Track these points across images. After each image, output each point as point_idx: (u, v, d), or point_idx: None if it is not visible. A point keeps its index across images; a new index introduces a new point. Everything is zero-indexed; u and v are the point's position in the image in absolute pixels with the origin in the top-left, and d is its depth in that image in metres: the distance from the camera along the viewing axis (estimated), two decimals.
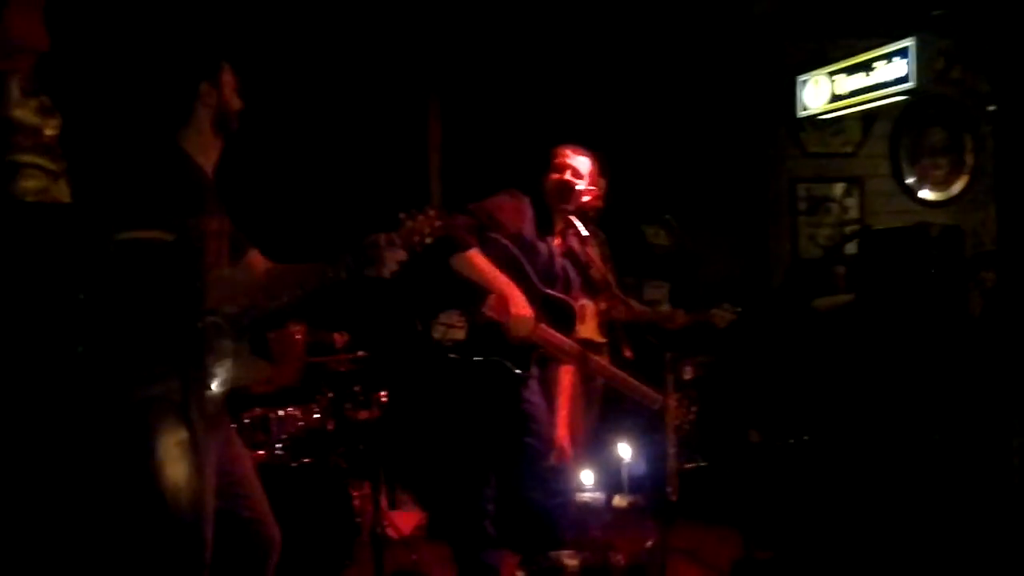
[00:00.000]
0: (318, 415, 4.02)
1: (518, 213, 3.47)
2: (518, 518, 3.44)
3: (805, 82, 5.63)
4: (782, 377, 4.49)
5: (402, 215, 2.53)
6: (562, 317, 3.42)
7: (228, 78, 2.53)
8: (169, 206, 2.26)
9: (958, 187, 5.94)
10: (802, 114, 5.68)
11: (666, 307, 4.92)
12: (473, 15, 5.10)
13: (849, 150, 5.89)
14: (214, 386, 2.34)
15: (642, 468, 3.42)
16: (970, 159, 5.93)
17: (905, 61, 5.03)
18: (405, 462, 4.33)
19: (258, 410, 3.85)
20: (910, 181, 5.90)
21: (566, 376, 3.68)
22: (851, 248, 5.22)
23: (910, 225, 4.03)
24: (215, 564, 2.29)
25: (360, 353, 4.16)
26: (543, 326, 3.30)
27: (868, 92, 5.26)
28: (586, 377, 3.90)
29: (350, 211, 4.79)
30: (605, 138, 4.04)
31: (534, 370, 3.43)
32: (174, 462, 2.18)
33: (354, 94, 5.15)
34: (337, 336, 4.12)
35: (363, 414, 4.09)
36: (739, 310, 4.17)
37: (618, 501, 3.37)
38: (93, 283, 2.28)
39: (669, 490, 3.22)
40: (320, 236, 3.84)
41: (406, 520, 4.28)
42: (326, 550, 3.71)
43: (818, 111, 5.59)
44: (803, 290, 5.20)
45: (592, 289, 3.83)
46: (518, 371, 3.32)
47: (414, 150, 5.38)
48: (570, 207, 3.57)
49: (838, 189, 5.87)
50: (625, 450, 3.34)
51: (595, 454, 3.77)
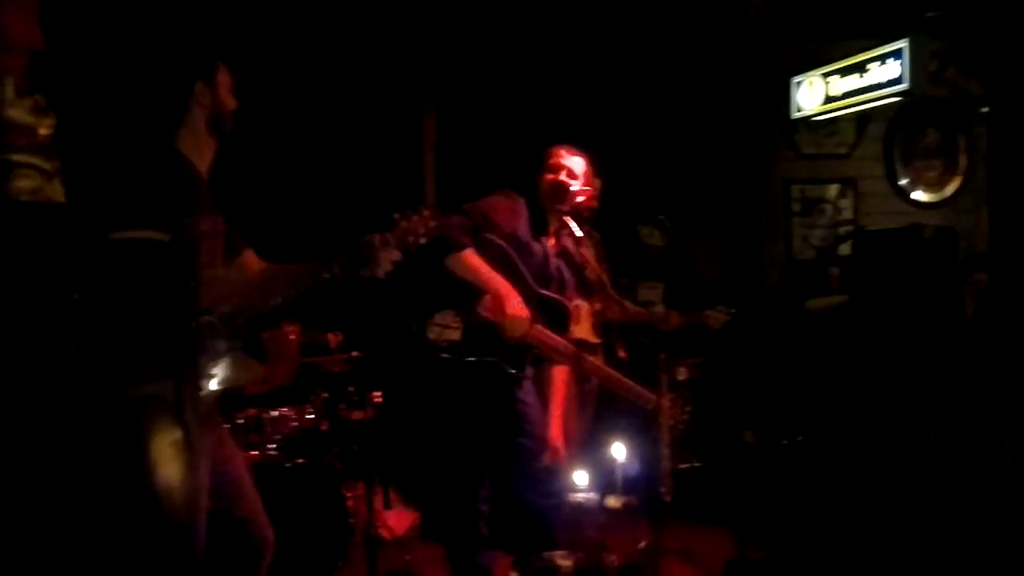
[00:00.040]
0: (312, 415, 4.02)
1: (513, 213, 3.48)
2: (512, 518, 3.45)
3: (799, 83, 5.64)
4: (776, 378, 4.49)
5: (397, 215, 2.53)
6: (557, 318, 3.42)
7: (223, 78, 2.53)
8: (163, 206, 2.26)
9: (951, 188, 5.96)
10: (796, 115, 5.69)
11: (660, 308, 4.92)
12: (468, 16, 5.10)
13: (843, 151, 5.90)
14: (207, 386, 2.34)
15: (636, 468, 3.40)
16: (963, 161, 5.96)
17: (899, 63, 5.04)
18: (399, 463, 4.32)
19: (252, 410, 3.85)
20: (904, 182, 5.92)
21: (560, 376, 3.68)
22: (845, 249, 5.24)
23: (903, 226, 4.04)
24: (208, 564, 2.29)
25: (354, 353, 4.16)
26: (538, 326, 3.30)
27: (862, 94, 5.27)
28: (580, 378, 3.90)
29: (345, 211, 4.78)
30: (599, 139, 4.05)
31: (528, 370, 3.44)
32: (168, 462, 2.17)
33: (349, 95, 5.15)
34: (331, 336, 4.11)
35: (357, 414, 4.08)
36: (732, 311, 4.18)
37: (612, 501, 3.36)
38: (87, 283, 2.27)
39: (663, 490, 3.22)
40: (315, 236, 3.84)
41: (400, 520, 4.27)
42: (320, 550, 3.71)
43: (812, 112, 5.60)
44: (797, 291, 5.20)
45: (587, 290, 3.83)
46: (513, 371, 3.32)
47: (409, 150, 5.38)
48: (564, 208, 3.57)
49: (832, 190, 5.88)
50: (619, 451, 3.33)
51: (589, 454, 3.77)
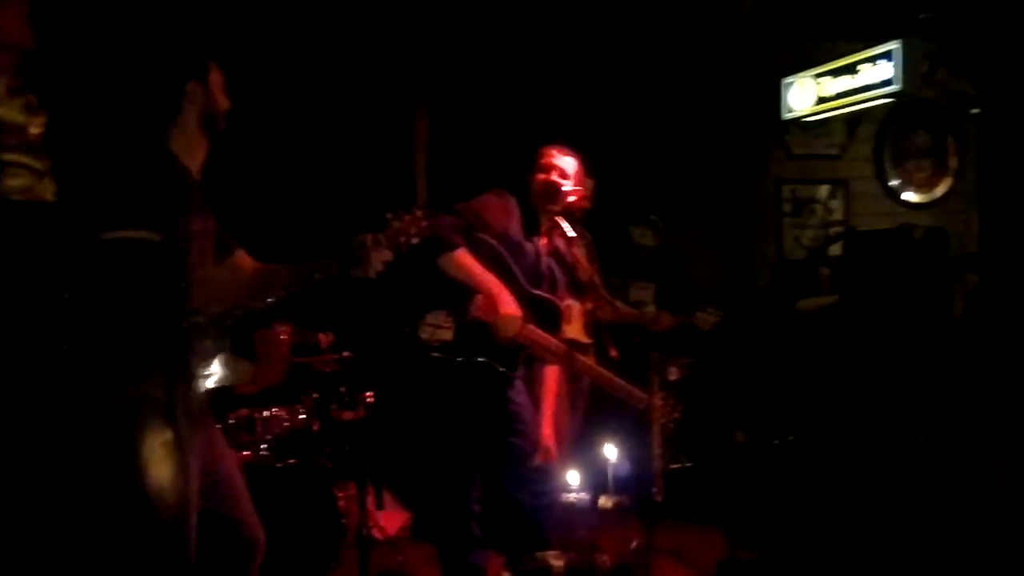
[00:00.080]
0: (303, 415, 4.01)
1: (505, 213, 3.47)
2: (504, 519, 3.44)
3: (790, 84, 5.65)
4: (767, 378, 4.50)
5: (389, 215, 2.53)
6: (548, 317, 3.42)
7: (216, 77, 2.52)
8: (154, 206, 2.25)
9: (941, 189, 5.98)
10: (787, 116, 5.70)
11: (652, 308, 4.93)
12: (460, 16, 5.10)
13: (834, 152, 5.92)
14: (198, 386, 2.33)
15: (628, 469, 3.41)
16: (954, 162, 5.98)
17: (890, 64, 5.06)
18: (391, 463, 4.31)
19: (243, 410, 3.83)
20: (894, 183, 5.94)
21: (551, 376, 3.68)
22: (835, 250, 5.25)
23: (894, 227, 4.06)
24: (199, 565, 2.28)
25: (346, 354, 4.16)
26: (530, 326, 3.30)
27: (853, 95, 5.28)
28: (572, 377, 3.91)
29: (337, 211, 4.77)
30: (591, 139, 4.05)
31: (520, 370, 3.44)
32: (159, 462, 2.17)
33: (341, 94, 5.14)
34: (323, 336, 4.11)
35: (348, 415, 4.08)
36: (722, 313, 4.19)
37: (604, 502, 3.36)
38: (78, 282, 2.27)
39: (655, 491, 3.23)
40: (307, 236, 3.84)
41: (392, 521, 4.27)
42: (311, 551, 3.70)
43: (803, 113, 5.61)
44: (788, 291, 5.21)
45: (578, 290, 3.84)
46: (505, 371, 3.32)
47: (401, 150, 5.37)
48: (556, 208, 3.57)
49: (823, 191, 5.90)
50: (611, 451, 3.34)
51: (581, 455, 3.77)
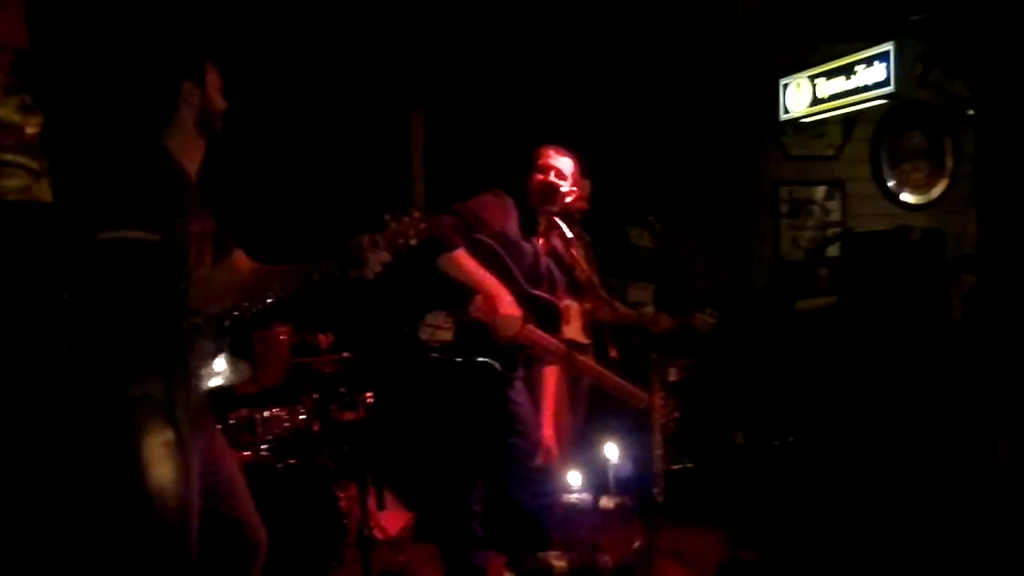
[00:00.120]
0: (304, 416, 3.99)
1: (503, 213, 3.47)
2: (505, 519, 3.43)
3: (787, 86, 5.66)
4: (766, 379, 4.50)
5: (387, 216, 2.52)
6: (547, 317, 3.42)
7: (212, 77, 2.51)
8: (152, 206, 2.24)
9: (938, 190, 6.00)
10: (784, 117, 5.70)
11: (650, 309, 4.92)
12: (456, 16, 5.09)
13: (831, 153, 5.93)
14: (198, 386, 2.32)
15: (629, 469, 3.41)
16: (950, 163, 6.00)
17: (885, 65, 5.07)
18: (392, 463, 4.30)
19: (244, 411, 3.82)
20: (891, 184, 5.96)
21: (551, 377, 3.67)
22: (833, 251, 5.27)
23: (891, 228, 4.06)
24: (200, 565, 2.27)
25: (345, 354, 4.14)
26: (530, 326, 3.30)
27: (849, 96, 5.29)
28: (572, 378, 3.90)
29: (334, 211, 4.76)
30: (589, 140, 4.05)
31: (519, 371, 3.43)
32: (160, 463, 2.15)
33: (337, 95, 5.12)
34: (322, 337, 4.10)
35: (349, 415, 4.07)
36: (718, 314, 4.20)
37: (605, 502, 3.36)
38: (76, 283, 2.25)
39: (656, 491, 3.23)
40: (304, 236, 3.82)
41: (393, 521, 4.26)
42: (313, 551, 3.69)
43: (800, 115, 5.62)
44: (786, 292, 5.22)
45: (577, 290, 3.83)
46: (505, 371, 3.31)
47: (397, 151, 5.36)
48: (554, 208, 3.57)
49: (820, 192, 5.90)
50: (612, 451, 3.33)
51: (582, 455, 3.77)
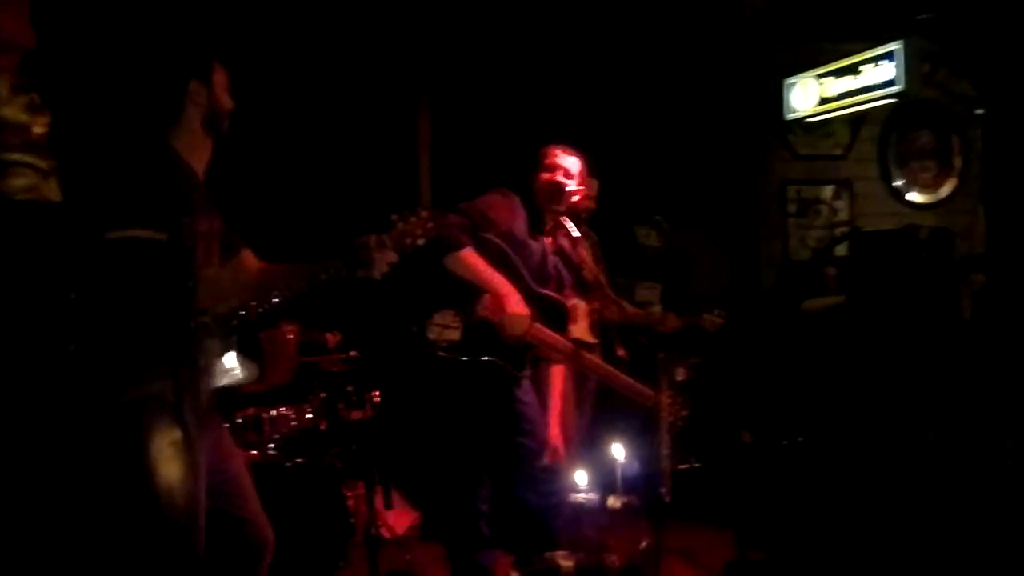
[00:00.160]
0: (311, 415, 3.99)
1: (510, 212, 3.47)
2: (512, 518, 3.44)
3: (793, 85, 5.65)
4: (774, 378, 4.49)
5: (394, 217, 2.52)
6: (555, 317, 3.42)
7: (219, 77, 2.51)
8: (160, 205, 2.24)
9: (946, 190, 5.98)
10: (790, 117, 5.70)
11: (658, 309, 4.92)
12: (463, 15, 5.09)
13: (838, 153, 5.91)
14: (205, 386, 2.32)
15: (636, 469, 3.40)
16: (958, 162, 5.97)
17: (892, 64, 5.06)
18: (399, 462, 4.30)
19: (251, 410, 3.82)
20: (898, 184, 5.94)
21: (558, 376, 3.67)
22: (841, 250, 5.25)
23: (899, 227, 4.04)
24: (208, 565, 2.27)
25: (352, 353, 4.14)
26: (537, 325, 3.29)
27: (856, 95, 5.29)
28: (578, 377, 3.90)
29: (341, 210, 4.77)
30: (596, 139, 4.05)
31: (527, 370, 3.42)
32: (168, 462, 2.16)
33: (344, 94, 5.13)
34: (330, 336, 4.10)
35: (356, 414, 4.06)
36: (726, 314, 4.19)
37: (612, 502, 3.36)
38: (84, 282, 2.26)
39: (663, 491, 3.22)
40: (311, 235, 3.82)
41: (400, 520, 4.26)
42: (320, 550, 3.68)
43: (806, 114, 5.61)
44: (793, 292, 5.21)
45: (584, 289, 3.83)
46: (512, 370, 3.31)
47: (404, 150, 5.37)
48: (560, 207, 3.57)
49: (827, 191, 5.89)
50: (619, 451, 3.33)
51: (589, 455, 3.76)
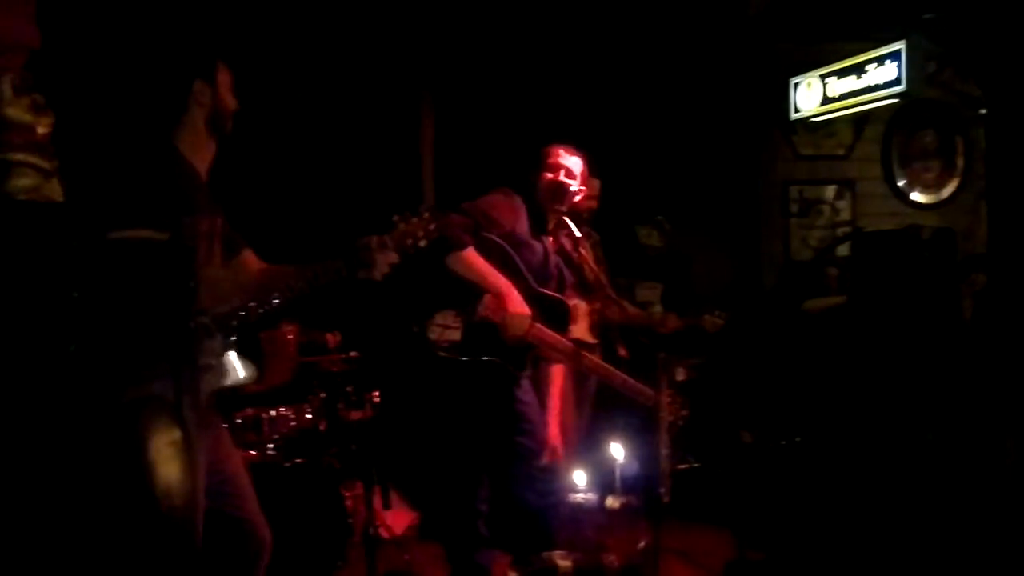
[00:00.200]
0: (310, 415, 4.00)
1: (512, 212, 3.47)
2: (511, 518, 3.44)
3: (797, 85, 5.64)
4: (774, 378, 4.49)
5: (396, 217, 2.52)
6: (556, 316, 3.42)
7: (223, 77, 2.52)
8: (162, 205, 2.25)
9: (949, 190, 5.96)
10: (794, 116, 5.68)
11: (659, 308, 4.92)
12: (466, 15, 5.09)
13: (841, 152, 5.90)
14: (204, 386, 2.33)
15: (635, 469, 3.41)
16: (961, 162, 5.96)
17: (896, 64, 5.04)
18: (398, 462, 4.31)
19: (250, 410, 3.83)
20: (901, 184, 5.92)
21: (558, 376, 3.68)
22: (843, 250, 5.24)
23: (901, 228, 4.04)
24: (206, 564, 2.28)
25: (352, 353, 4.15)
26: (538, 325, 3.30)
27: (859, 95, 5.27)
28: (578, 377, 3.90)
29: (343, 210, 4.77)
30: (598, 139, 4.05)
31: (527, 369, 3.43)
32: (167, 462, 2.17)
33: (347, 94, 5.14)
34: (329, 336, 4.11)
35: (355, 414, 4.07)
36: (726, 315, 4.20)
37: (611, 502, 3.37)
38: (86, 282, 2.27)
39: (662, 491, 3.22)
40: (314, 235, 3.83)
41: (399, 520, 4.27)
42: (318, 550, 3.69)
43: (810, 114, 5.60)
44: (795, 292, 5.20)
45: (585, 289, 3.83)
46: (513, 370, 3.31)
47: (407, 149, 5.37)
48: (562, 207, 3.57)
49: (830, 191, 5.88)
50: (618, 451, 3.34)
51: (588, 454, 3.77)
